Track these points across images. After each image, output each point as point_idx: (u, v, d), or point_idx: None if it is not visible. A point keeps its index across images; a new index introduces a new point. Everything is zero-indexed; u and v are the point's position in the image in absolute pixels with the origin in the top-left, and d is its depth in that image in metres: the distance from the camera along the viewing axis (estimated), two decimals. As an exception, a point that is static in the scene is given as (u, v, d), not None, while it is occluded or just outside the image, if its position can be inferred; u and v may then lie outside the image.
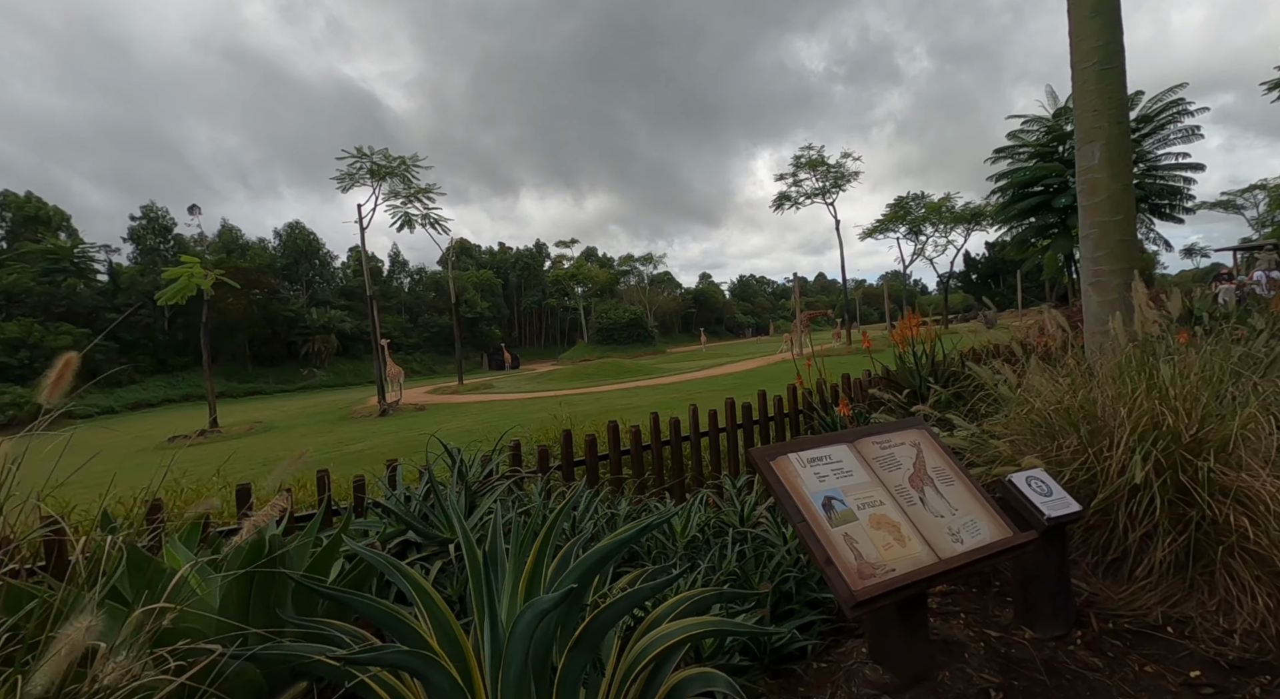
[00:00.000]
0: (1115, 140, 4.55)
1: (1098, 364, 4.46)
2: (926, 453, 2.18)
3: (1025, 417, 2.70)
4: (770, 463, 1.90)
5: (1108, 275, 4.62)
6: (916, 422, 2.30)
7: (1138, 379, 2.51)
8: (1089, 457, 2.34)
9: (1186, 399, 2.37)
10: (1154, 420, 2.26)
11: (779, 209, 40.73)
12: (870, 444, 2.12)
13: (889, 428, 2.22)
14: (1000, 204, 21.56)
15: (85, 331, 43.89)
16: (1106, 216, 4.59)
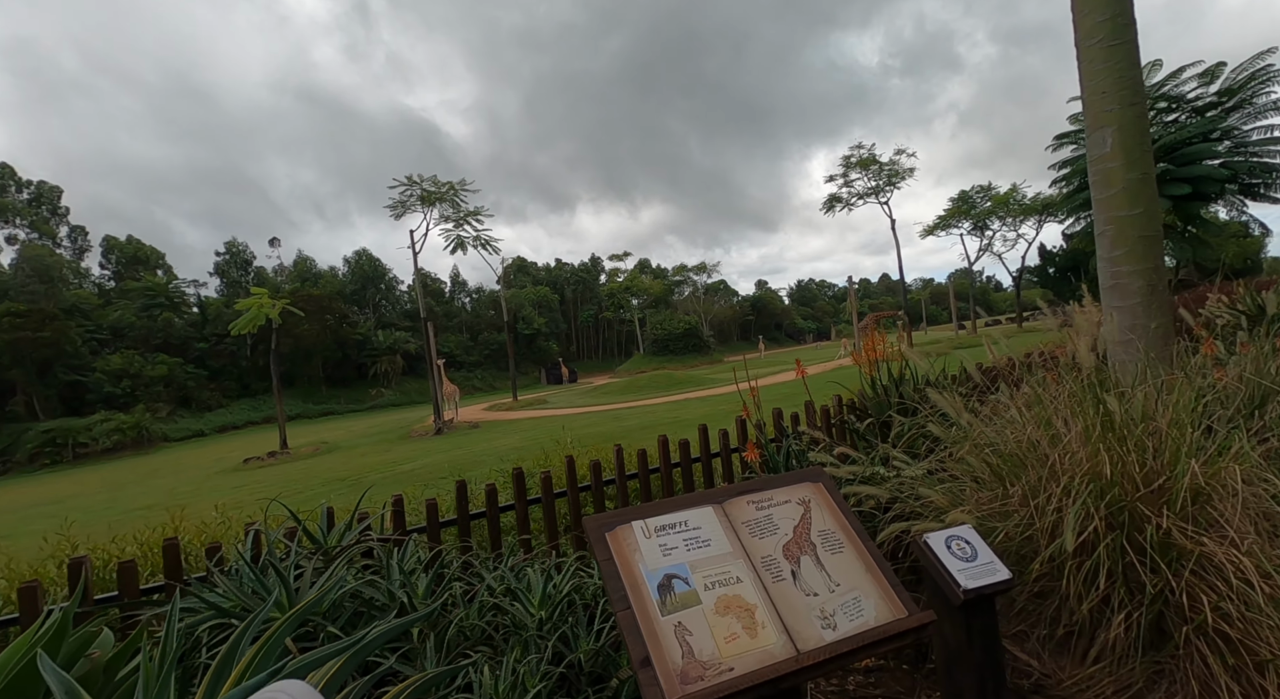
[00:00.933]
0: (1129, 124, 4.01)
1: (1121, 381, 3.93)
2: (816, 513, 1.86)
3: (974, 458, 2.30)
4: (605, 534, 1.65)
5: (1127, 277, 4.07)
6: (813, 474, 1.98)
7: (1090, 411, 2.09)
8: (1030, 510, 1.94)
9: (1154, 437, 1.94)
10: (1102, 466, 1.85)
11: (830, 211, 39.58)
12: (744, 505, 1.83)
13: (776, 482, 1.92)
14: (1066, 193, 19.93)
15: (178, 361, 47.62)
16: (1123, 210, 4.05)
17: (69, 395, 41.95)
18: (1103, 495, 1.82)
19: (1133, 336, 4.03)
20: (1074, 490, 1.85)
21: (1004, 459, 2.14)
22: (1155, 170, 4.15)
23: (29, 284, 41.61)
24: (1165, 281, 4.05)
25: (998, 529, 1.98)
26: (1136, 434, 1.94)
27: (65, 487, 28.06)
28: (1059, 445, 1.98)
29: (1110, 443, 1.92)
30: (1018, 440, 2.15)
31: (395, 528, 2.54)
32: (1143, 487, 1.81)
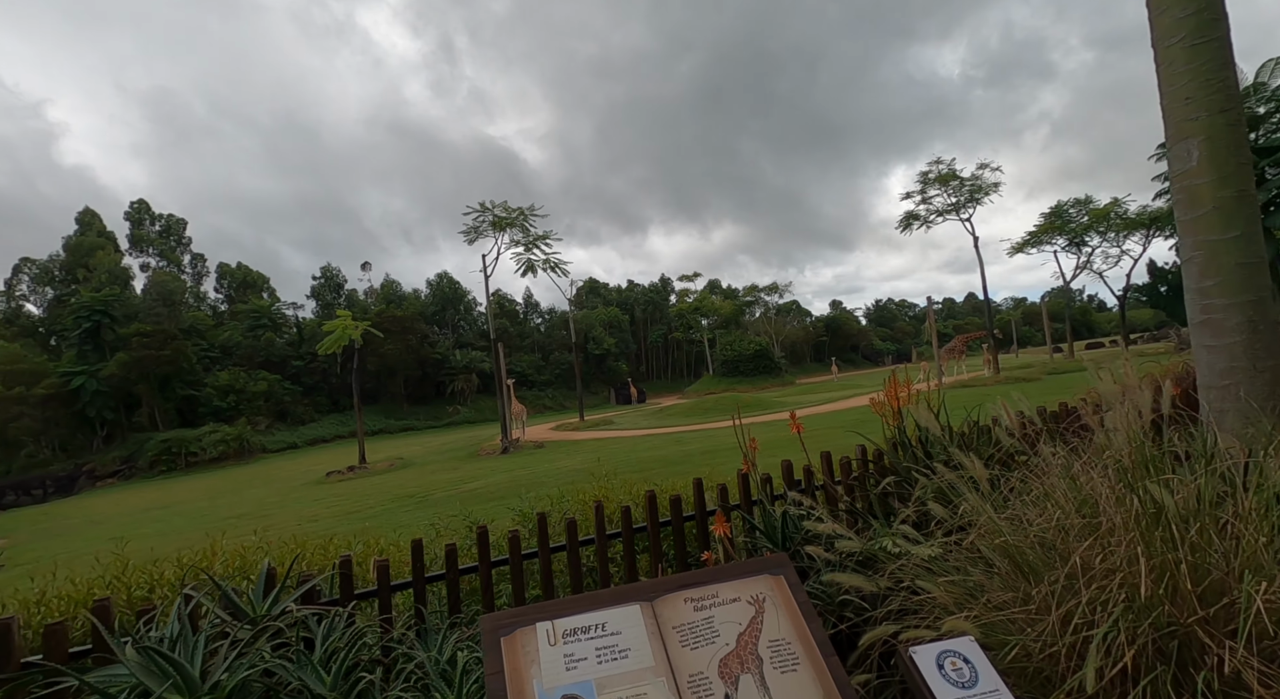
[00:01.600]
0: (1219, 134, 3.44)
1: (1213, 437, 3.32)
2: (770, 617, 1.54)
3: (986, 544, 1.86)
4: (500, 639, 1.41)
5: (1221, 312, 3.46)
6: (775, 563, 1.66)
7: (1137, 495, 1.63)
8: (1051, 622, 1.52)
9: (1224, 537, 1.48)
10: (1138, 576, 1.41)
11: (907, 229, 37.85)
12: (680, 604, 1.53)
13: (725, 574, 1.61)
14: (1172, 207, 17.88)
15: (277, 377, 51.36)
16: (1216, 234, 3.46)
17: (184, 408, 46.07)
18: (1146, 613, 1.40)
19: (1230, 382, 3.40)
20: (1108, 603, 1.44)
21: (1022, 550, 1.73)
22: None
23: (155, 307, 46.34)
24: (1272, 318, 3.40)
25: (1011, 641, 1.58)
26: (1192, 533, 1.50)
27: (176, 493, 30.64)
28: (1092, 537, 1.57)
29: (1155, 543, 1.49)
30: (1044, 526, 1.73)
31: (343, 592, 2.37)
32: (1200, 607, 1.38)
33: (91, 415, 42.01)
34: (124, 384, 42.10)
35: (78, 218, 54.30)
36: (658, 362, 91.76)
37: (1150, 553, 1.47)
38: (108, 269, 47.80)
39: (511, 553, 2.64)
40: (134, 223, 59.33)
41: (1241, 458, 3.08)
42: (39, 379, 39.80)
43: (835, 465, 3.49)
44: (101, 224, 55.06)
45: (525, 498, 6.48)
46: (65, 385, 41.01)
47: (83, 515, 27.08)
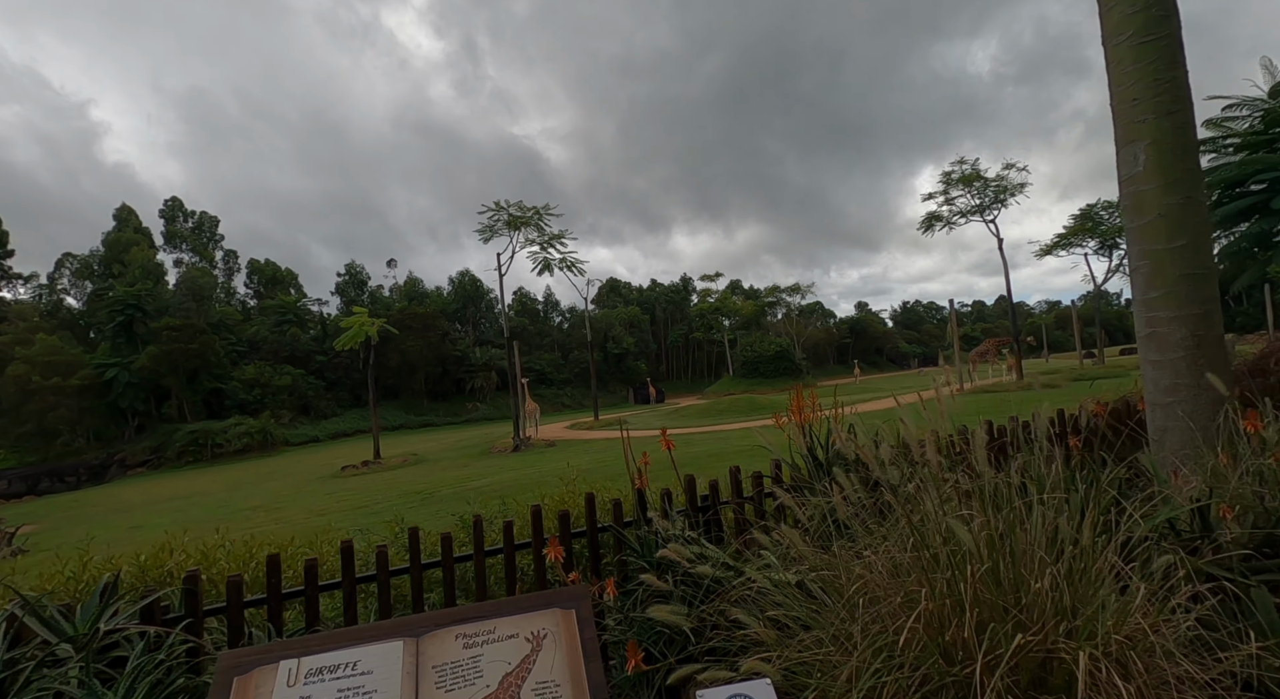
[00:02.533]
0: (1166, 137, 3.23)
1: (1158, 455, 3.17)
2: (545, 657, 1.44)
3: (818, 579, 1.74)
4: (234, 679, 1.34)
5: (1166, 325, 3.26)
6: (569, 595, 1.56)
7: (941, 533, 1.49)
8: (851, 667, 1.39)
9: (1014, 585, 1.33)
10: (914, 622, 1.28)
11: (929, 230, 37.05)
12: (452, 640, 1.44)
13: (508, 607, 1.51)
14: None
15: (301, 372, 52.48)
16: (1161, 243, 3.26)
17: (212, 400, 47.37)
18: (921, 661, 1.27)
19: (1173, 400, 3.20)
20: (908, 648, 1.31)
21: (843, 587, 1.60)
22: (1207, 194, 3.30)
23: (185, 302, 47.76)
24: (1218, 332, 3.20)
25: (811, 686, 1.45)
26: (978, 572, 1.35)
27: (199, 483, 31.51)
28: (898, 577, 1.44)
29: (939, 585, 1.35)
30: (870, 562, 1.60)
31: (187, 608, 2.24)
32: (980, 656, 1.24)
33: (124, 406, 43.47)
34: (154, 376, 43.46)
35: (115, 214, 56.20)
36: (678, 361, 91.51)
37: (934, 596, 1.35)
38: (141, 264, 49.38)
39: (379, 568, 2.57)
40: (168, 219, 61.20)
41: (1180, 486, 2.89)
42: (75, 371, 41.29)
43: (745, 482, 3.37)
44: (138, 220, 56.89)
45: (473, 502, 6.47)
46: (99, 377, 42.51)
47: (110, 503, 28.00)
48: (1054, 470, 2.38)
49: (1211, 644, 1.40)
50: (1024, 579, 1.34)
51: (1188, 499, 2.60)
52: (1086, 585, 1.34)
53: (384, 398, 59.10)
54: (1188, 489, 2.70)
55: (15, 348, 39.57)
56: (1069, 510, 1.64)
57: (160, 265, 54.44)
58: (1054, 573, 1.32)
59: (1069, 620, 1.25)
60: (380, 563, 2.57)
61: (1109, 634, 1.22)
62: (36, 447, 40.29)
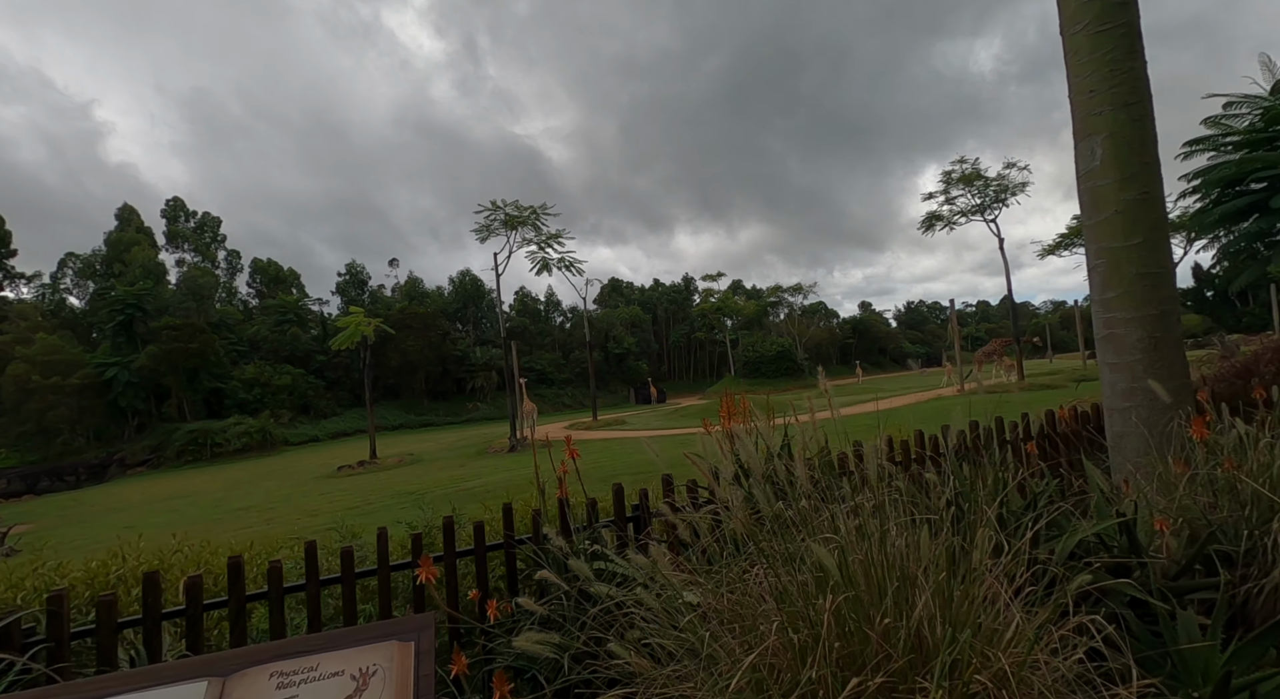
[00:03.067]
0: (1123, 130, 3.11)
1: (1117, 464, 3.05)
2: (371, 695, 1.34)
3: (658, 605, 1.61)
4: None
5: (1123, 326, 3.14)
6: (412, 625, 1.44)
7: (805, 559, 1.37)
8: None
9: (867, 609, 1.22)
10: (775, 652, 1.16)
11: (929, 230, 36.86)
12: (265, 679, 1.32)
13: (338, 641, 1.39)
14: (1196, 210, 16.85)
15: (301, 372, 52.55)
16: (1118, 241, 3.14)
17: (212, 400, 47.46)
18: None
19: (1130, 404, 3.08)
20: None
21: (719, 615, 1.49)
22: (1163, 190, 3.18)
23: (185, 301, 47.89)
24: (1176, 333, 3.08)
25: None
26: (831, 606, 1.23)
27: (197, 483, 31.56)
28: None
29: (794, 619, 1.24)
30: (745, 588, 1.48)
31: (50, 632, 2.04)
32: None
33: (124, 405, 43.58)
34: (154, 376, 43.57)
35: (117, 214, 56.40)
36: (680, 361, 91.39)
37: (785, 629, 1.23)
38: (141, 264, 49.52)
39: (232, 590, 2.35)
40: (170, 219, 61.40)
41: (1130, 495, 2.77)
42: (75, 370, 41.43)
43: (679, 492, 3.26)
44: (140, 220, 57.08)
45: (426, 508, 6.37)
46: (99, 376, 42.63)
47: (107, 503, 28.06)
48: (987, 482, 2.26)
49: (1097, 680, 1.28)
50: (892, 608, 1.23)
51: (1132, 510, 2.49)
52: (967, 614, 1.23)
53: (385, 397, 59.15)
54: (1131, 500, 2.59)
55: (16, 347, 39.72)
56: (964, 527, 1.52)
57: (161, 265, 54.60)
58: (928, 602, 1.20)
59: (938, 655, 1.14)
60: (233, 577, 2.37)
61: (971, 672, 1.11)
62: (37, 446, 40.44)
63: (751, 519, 1.81)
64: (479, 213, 30.49)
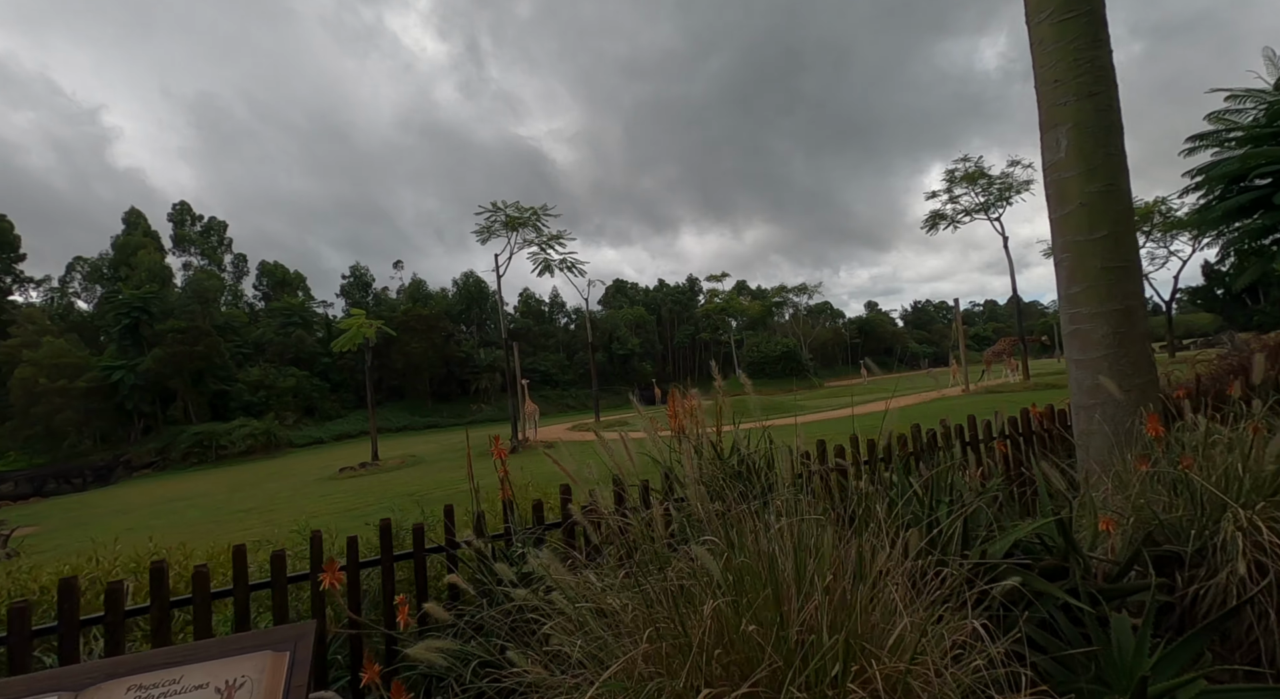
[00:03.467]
0: (1087, 121, 3.03)
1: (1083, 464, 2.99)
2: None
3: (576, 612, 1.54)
4: None
5: (1088, 322, 3.06)
6: (286, 636, 1.39)
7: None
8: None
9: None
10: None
11: (933, 230, 36.66)
12: (120, 692, 1.26)
13: (202, 652, 1.34)
14: (1199, 207, 16.58)
15: (305, 374, 52.80)
16: (1083, 234, 3.06)
17: (217, 402, 47.74)
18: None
19: (1095, 402, 3.00)
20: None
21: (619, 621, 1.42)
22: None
23: (189, 305, 48.20)
24: (1141, 329, 3.00)
25: None
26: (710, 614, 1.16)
27: (200, 485, 31.71)
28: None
29: (671, 626, 1.17)
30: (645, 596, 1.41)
31: None
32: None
33: (130, 408, 43.91)
34: (160, 378, 43.87)
35: (124, 218, 56.90)
36: (685, 362, 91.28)
37: (659, 636, 1.17)
38: (147, 267, 49.90)
39: (154, 597, 2.21)
40: (176, 223, 61.88)
41: (1104, 489, 2.70)
42: (81, 373, 41.77)
43: (605, 496, 3.19)
44: (146, 224, 57.54)
45: (425, 510, 6.33)
46: (106, 379, 42.97)
47: (111, 505, 28.24)
48: (944, 483, 2.20)
49: (994, 688, 1.21)
50: (779, 613, 1.16)
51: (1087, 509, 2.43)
52: (859, 619, 1.16)
53: (389, 399, 59.34)
54: (1083, 499, 2.52)
55: (23, 350, 40.10)
56: (885, 529, 1.46)
57: (168, 268, 55.00)
58: (820, 606, 1.13)
59: (816, 662, 1.07)
60: (155, 584, 2.25)
61: (849, 679, 1.04)
62: (45, 448, 40.80)
63: (663, 523, 1.75)
64: (479, 214, 30.57)
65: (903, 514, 1.75)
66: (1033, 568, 1.92)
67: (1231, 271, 26.39)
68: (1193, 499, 2.21)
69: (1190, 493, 2.18)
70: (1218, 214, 15.46)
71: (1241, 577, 1.93)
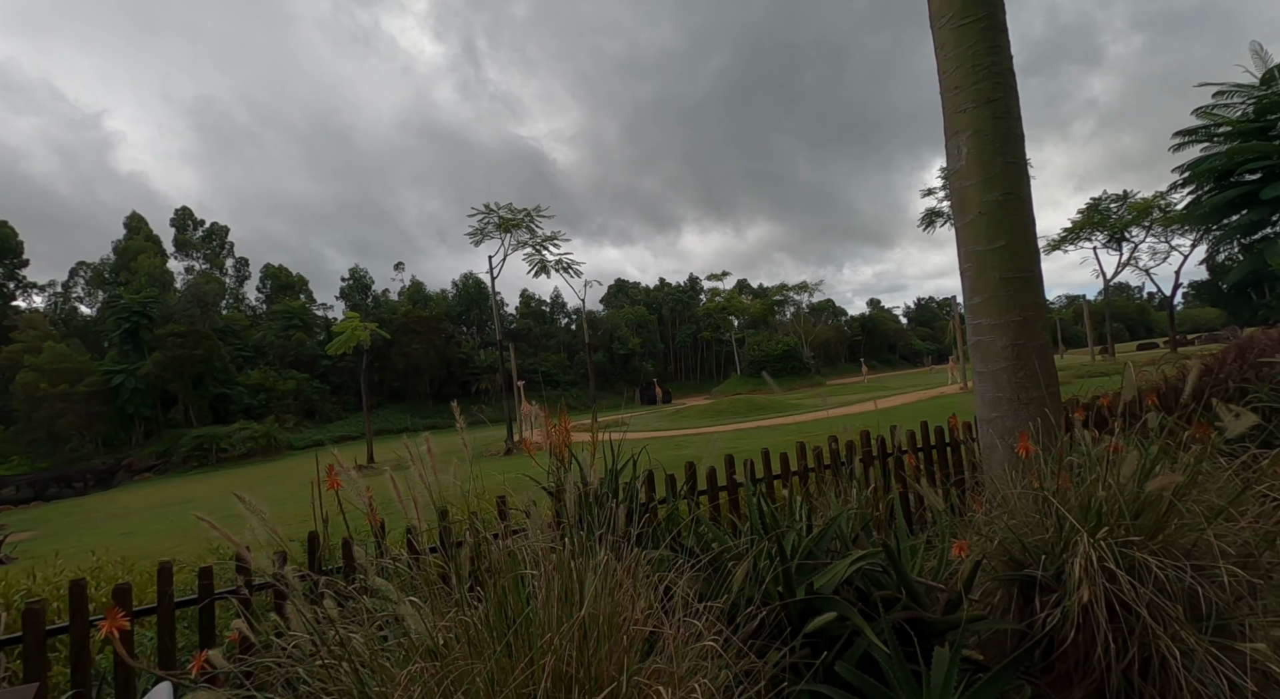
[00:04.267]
0: (985, 128, 2.97)
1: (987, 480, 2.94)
2: None
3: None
4: None
5: (988, 333, 3.00)
6: (15, 696, 1.35)
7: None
8: None
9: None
10: None
11: (929, 227, 36.48)
12: None
13: None
14: (1188, 204, 16.37)
15: (305, 376, 53.00)
16: (982, 244, 3.00)
17: (217, 406, 47.99)
18: None
19: (996, 415, 2.94)
20: None
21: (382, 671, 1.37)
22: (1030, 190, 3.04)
23: (189, 309, 48.44)
24: (1040, 341, 2.93)
25: None
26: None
27: (199, 488, 31.86)
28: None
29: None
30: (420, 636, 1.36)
31: None
32: None
33: (131, 412, 44.18)
34: (160, 382, 44.12)
35: (126, 222, 57.24)
36: (686, 362, 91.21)
37: None
38: (147, 272, 50.19)
39: (74, 618, 2.24)
40: (179, 228, 62.21)
41: (979, 513, 2.67)
42: (82, 378, 42.05)
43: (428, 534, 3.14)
44: (148, 228, 57.87)
45: (356, 527, 6.31)
46: (107, 383, 43.24)
47: (109, 509, 28.39)
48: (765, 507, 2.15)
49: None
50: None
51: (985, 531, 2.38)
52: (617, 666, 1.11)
53: (390, 401, 59.50)
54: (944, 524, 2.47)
55: (24, 356, 40.40)
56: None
57: (169, 273, 55.30)
58: (559, 660, 1.07)
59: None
60: (74, 604, 2.24)
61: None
62: (47, 453, 41.11)
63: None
64: (472, 216, 30.53)
65: (741, 545, 1.69)
66: (871, 598, 1.86)
67: (1223, 266, 26.10)
68: (1057, 521, 2.16)
69: (1055, 514, 2.13)
70: (1205, 210, 15.29)
71: (1085, 604, 1.87)
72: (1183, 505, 2.05)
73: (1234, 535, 2.03)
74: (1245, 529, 2.04)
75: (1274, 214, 13.59)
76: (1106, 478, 2.11)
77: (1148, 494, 2.08)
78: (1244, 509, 2.11)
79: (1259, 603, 1.81)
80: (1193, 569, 1.89)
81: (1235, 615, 1.80)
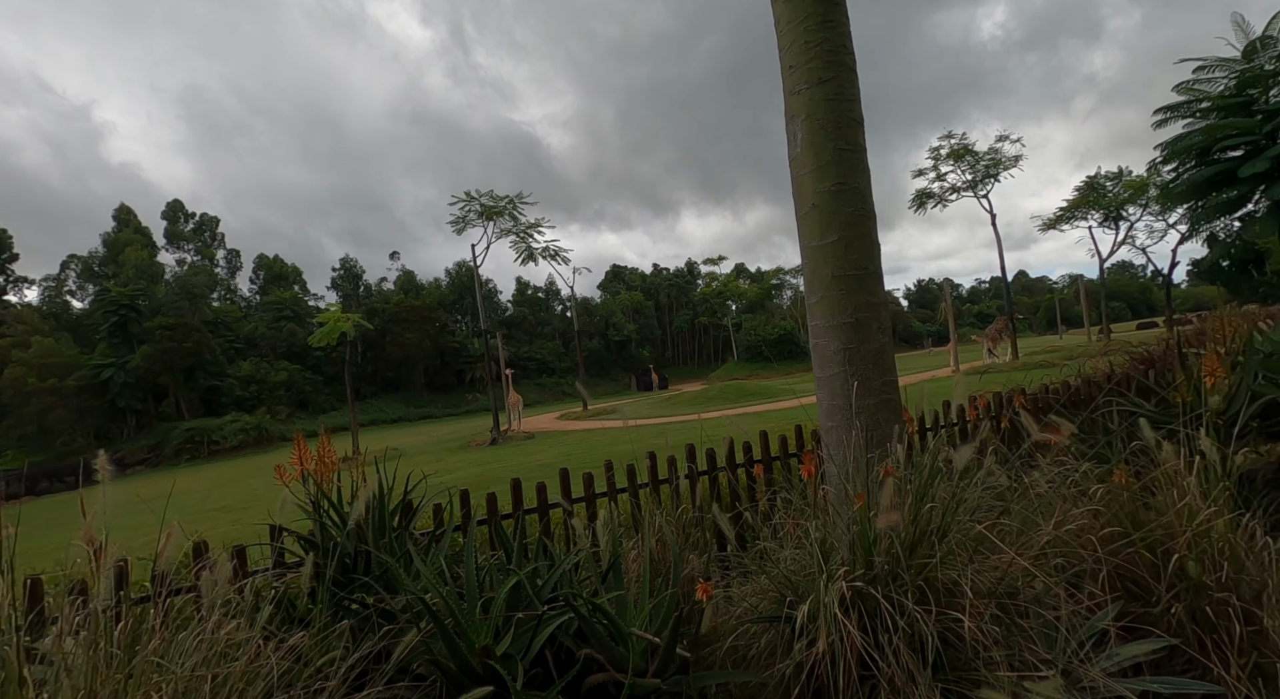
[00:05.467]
0: (818, 113, 2.71)
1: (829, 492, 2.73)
2: None
3: None
4: None
5: (824, 336, 2.76)
6: None
7: None
8: None
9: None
10: None
11: (920, 208, 35.99)
12: None
13: None
14: (1167, 183, 15.89)
15: (297, 367, 52.95)
16: (815, 238, 2.74)
17: (209, 398, 48.01)
18: None
19: (833, 424, 2.71)
20: None
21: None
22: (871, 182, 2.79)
23: (177, 301, 48.26)
24: (875, 345, 2.70)
25: None
26: None
27: (188, 481, 31.93)
28: None
29: None
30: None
31: None
32: None
33: (121, 405, 44.20)
34: (150, 375, 44.08)
35: (115, 214, 56.90)
36: (684, 347, 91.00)
37: None
38: (135, 264, 49.94)
39: None
40: (169, 221, 61.88)
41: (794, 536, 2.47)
42: (71, 372, 42.01)
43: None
44: (137, 221, 57.54)
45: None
46: (96, 377, 43.21)
47: (94, 504, 28.43)
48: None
49: None
50: None
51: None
52: None
53: (384, 390, 59.48)
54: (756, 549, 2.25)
55: (12, 350, 40.34)
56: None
57: (158, 265, 55.06)
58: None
59: None
60: None
61: None
62: (39, 447, 41.20)
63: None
64: (454, 204, 30.18)
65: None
66: (576, 658, 1.64)
67: (1224, 244, 25.63)
68: (824, 555, 1.94)
69: (812, 547, 1.91)
70: (1183, 188, 14.87)
71: (822, 653, 1.66)
72: (952, 537, 1.84)
73: (1004, 569, 1.82)
74: (1020, 560, 1.82)
75: (1252, 191, 13.20)
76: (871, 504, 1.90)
77: (921, 517, 1.88)
78: (1027, 539, 1.89)
79: (1002, 653, 1.59)
80: (951, 610, 1.68)
81: (973, 668, 1.59)
